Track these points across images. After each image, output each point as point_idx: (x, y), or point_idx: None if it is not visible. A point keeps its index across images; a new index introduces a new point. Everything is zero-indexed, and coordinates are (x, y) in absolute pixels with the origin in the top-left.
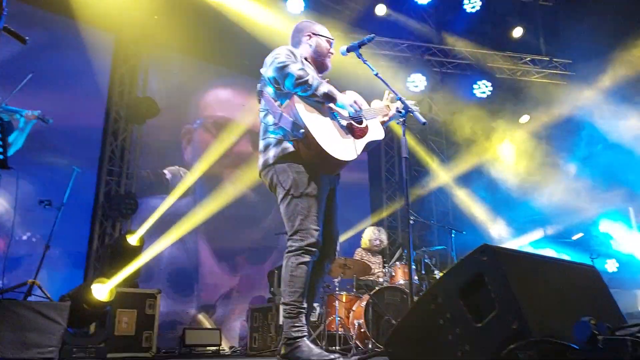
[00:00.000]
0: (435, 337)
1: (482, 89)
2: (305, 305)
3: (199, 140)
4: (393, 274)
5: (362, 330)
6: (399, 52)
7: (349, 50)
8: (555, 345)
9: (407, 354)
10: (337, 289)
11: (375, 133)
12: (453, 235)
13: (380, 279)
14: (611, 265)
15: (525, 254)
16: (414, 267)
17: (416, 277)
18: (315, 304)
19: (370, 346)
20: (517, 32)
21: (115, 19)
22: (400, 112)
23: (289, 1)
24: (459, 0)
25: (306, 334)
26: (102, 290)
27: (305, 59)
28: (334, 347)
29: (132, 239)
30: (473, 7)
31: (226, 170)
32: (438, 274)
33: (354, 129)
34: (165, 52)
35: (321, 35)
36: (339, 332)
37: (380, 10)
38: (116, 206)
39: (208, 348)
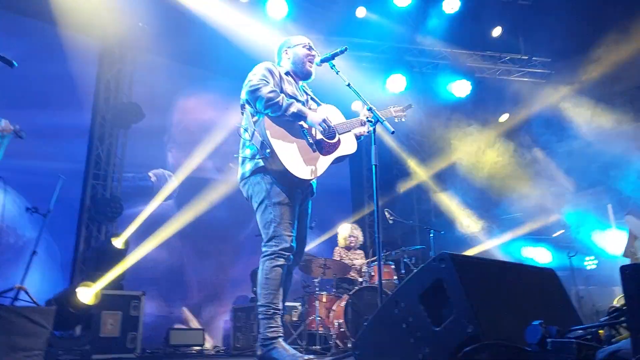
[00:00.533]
0: (398, 340)
1: (462, 88)
2: (280, 306)
3: (184, 143)
4: (372, 273)
5: (342, 329)
6: (380, 54)
7: (322, 61)
8: (507, 347)
9: (374, 355)
10: (317, 289)
11: (347, 147)
12: (432, 235)
13: (360, 279)
14: (590, 263)
15: (483, 261)
16: (393, 266)
17: (395, 277)
18: (297, 304)
19: (349, 345)
20: (497, 31)
21: (101, 26)
22: (370, 121)
23: (272, 6)
24: (438, 2)
25: (282, 334)
26: (87, 294)
27: (288, 73)
28: (314, 347)
29: (117, 242)
30: (452, 8)
31: (211, 171)
32: None
33: (323, 145)
34: (149, 57)
35: (296, 45)
36: (319, 332)
37: (361, 12)
38: (102, 209)
39: (192, 348)
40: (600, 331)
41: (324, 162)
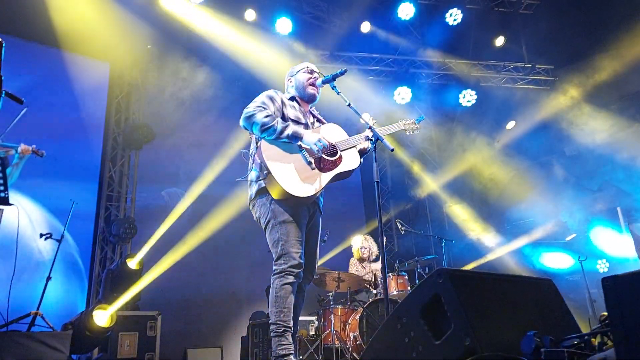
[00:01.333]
0: (402, 354)
1: (468, 97)
2: (290, 324)
3: (196, 161)
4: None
5: (357, 342)
6: (385, 67)
7: (323, 82)
8: (503, 358)
9: None
10: (332, 302)
11: (349, 163)
12: (443, 245)
13: (374, 291)
14: (602, 266)
15: (480, 274)
16: (406, 276)
17: (409, 287)
18: (312, 318)
19: None
20: (499, 41)
21: (110, 49)
22: (370, 139)
23: (279, 24)
24: (441, 14)
25: (292, 351)
26: (103, 316)
27: (292, 98)
28: None
29: (132, 263)
30: (455, 20)
31: (224, 188)
32: None
33: (323, 162)
34: (159, 78)
35: (297, 72)
36: (336, 345)
37: (365, 27)
38: (116, 230)
39: None
40: (594, 339)
41: (323, 179)
